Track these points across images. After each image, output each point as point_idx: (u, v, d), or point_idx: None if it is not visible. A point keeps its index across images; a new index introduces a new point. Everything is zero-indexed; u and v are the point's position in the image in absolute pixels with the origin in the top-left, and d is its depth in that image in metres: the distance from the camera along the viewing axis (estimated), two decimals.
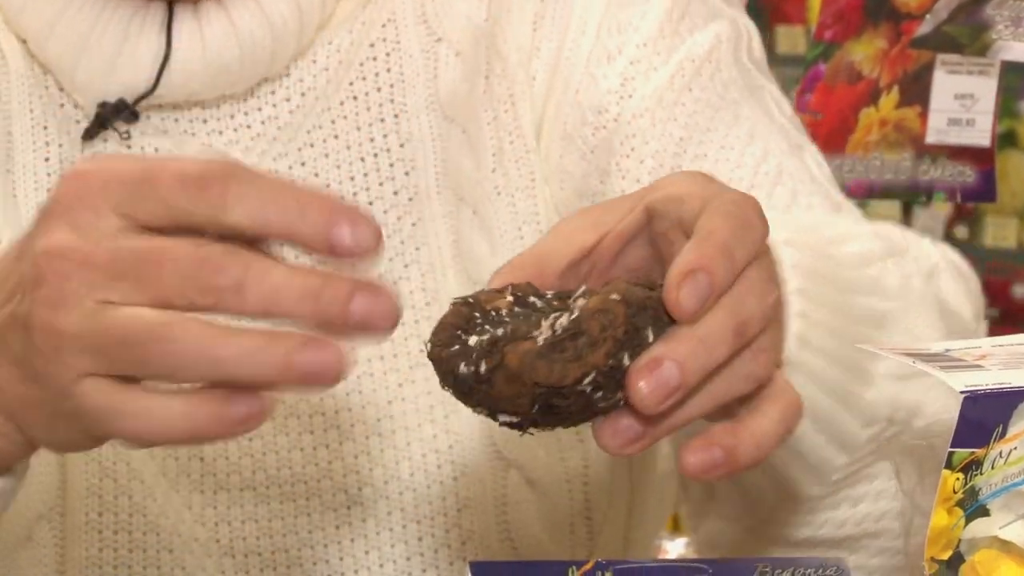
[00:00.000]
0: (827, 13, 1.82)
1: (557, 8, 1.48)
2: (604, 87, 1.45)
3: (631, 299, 1.02)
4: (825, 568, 1.22)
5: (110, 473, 1.41)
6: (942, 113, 1.72)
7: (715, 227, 1.02)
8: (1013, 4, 1.70)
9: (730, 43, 1.48)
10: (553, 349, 1.02)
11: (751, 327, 1.03)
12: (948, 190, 1.77)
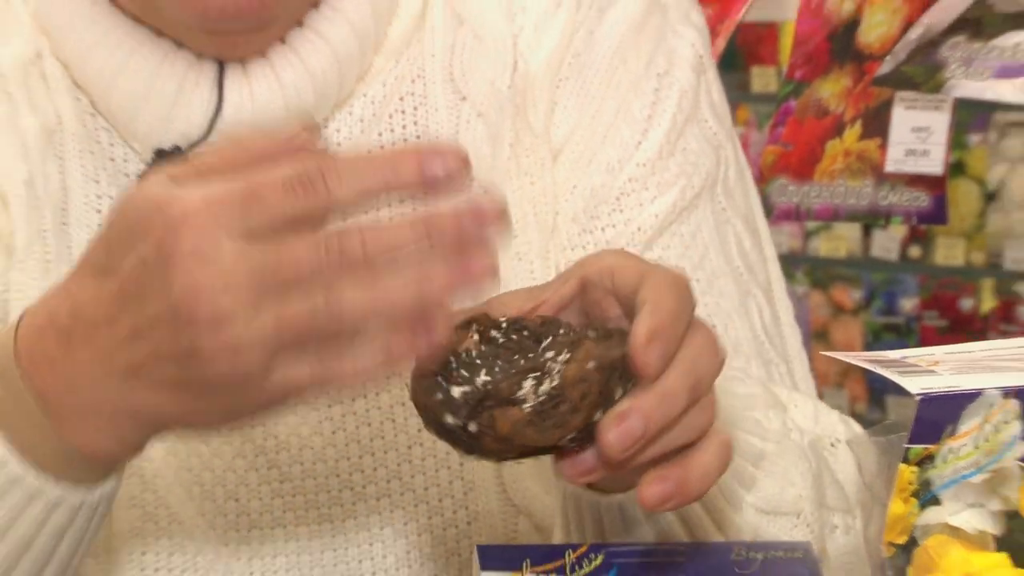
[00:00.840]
0: (797, 55, 1.85)
1: (570, 101, 1.46)
2: (601, 195, 1.44)
3: (604, 364, 1.05)
4: (794, 550, 1.26)
5: (151, 516, 1.40)
6: (900, 145, 1.75)
7: (662, 297, 1.06)
8: (964, 46, 1.74)
9: (710, 181, 1.47)
10: (540, 416, 1.05)
11: (703, 384, 1.07)
12: (905, 214, 1.80)
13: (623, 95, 1.47)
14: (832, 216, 1.81)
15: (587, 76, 1.47)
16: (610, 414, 1.05)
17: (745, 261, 1.49)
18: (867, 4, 1.83)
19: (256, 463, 1.43)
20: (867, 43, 1.82)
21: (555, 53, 1.47)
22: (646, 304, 1.05)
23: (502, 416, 1.05)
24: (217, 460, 1.42)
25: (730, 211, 1.49)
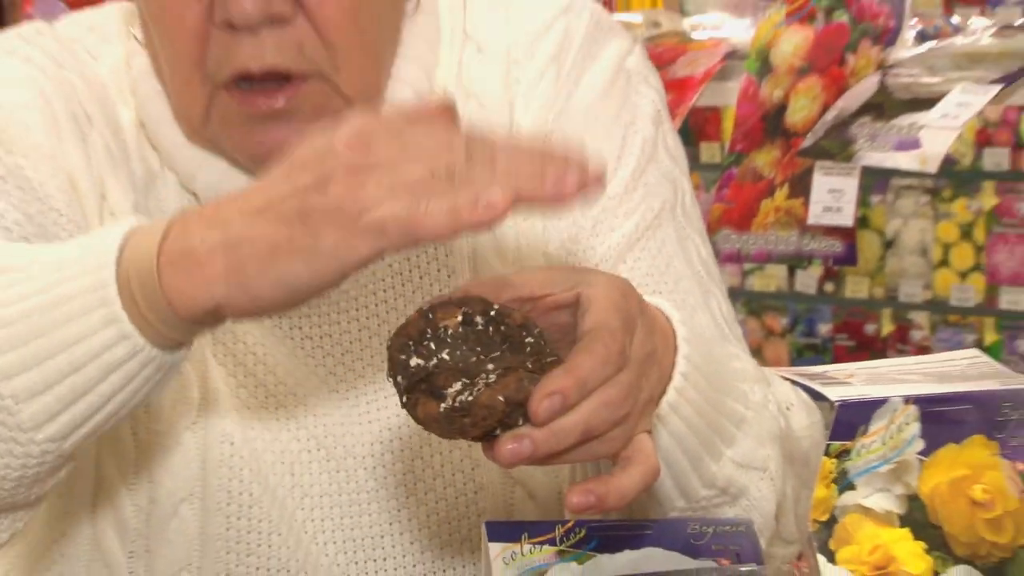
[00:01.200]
0: (737, 133, 1.84)
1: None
2: (580, 224, 1.42)
3: (512, 400, 1.03)
4: (738, 525, 1.23)
5: (237, 474, 1.39)
6: (819, 203, 1.73)
7: (580, 360, 1.03)
8: (869, 126, 1.72)
9: (669, 206, 1.44)
10: (447, 418, 1.03)
11: (598, 429, 1.04)
12: (822, 257, 1.78)
13: (596, 143, 1.43)
14: (765, 259, 1.79)
15: (567, 128, 1.44)
16: (510, 433, 1.03)
17: (704, 266, 1.47)
18: (793, 92, 1.82)
19: (308, 445, 1.41)
20: (793, 123, 1.81)
21: (540, 113, 1.44)
22: (567, 362, 1.04)
23: (423, 403, 1.04)
24: (278, 444, 1.40)
25: (688, 228, 1.46)
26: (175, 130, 1.38)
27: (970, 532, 1.24)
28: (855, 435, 1.23)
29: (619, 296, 1.10)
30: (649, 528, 1.22)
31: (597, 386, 1.04)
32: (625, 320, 1.08)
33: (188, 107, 1.35)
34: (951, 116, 1.69)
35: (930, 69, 1.76)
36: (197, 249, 1.04)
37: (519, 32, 1.47)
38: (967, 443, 1.25)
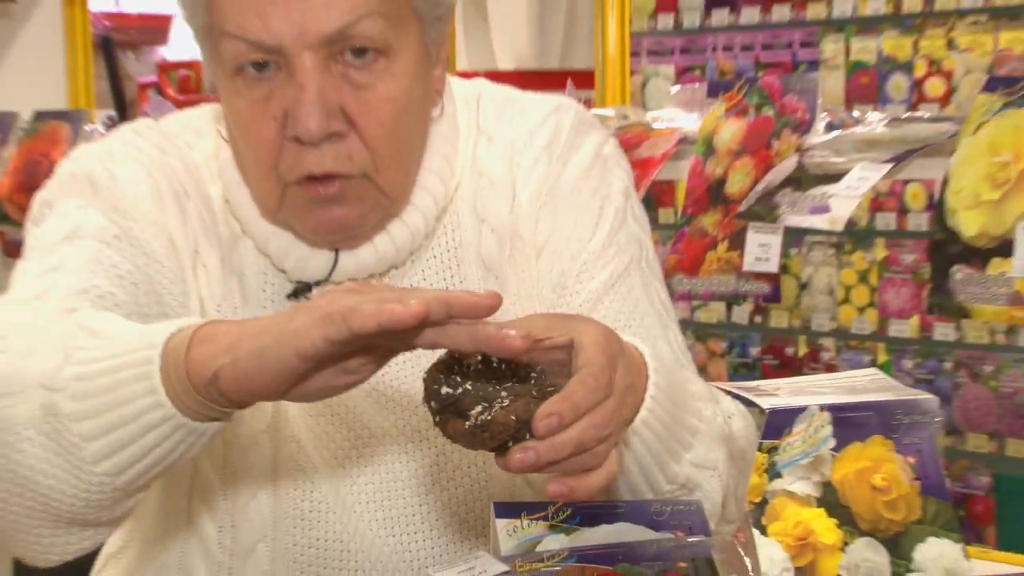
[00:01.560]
0: (687, 200, 1.83)
1: (544, 218, 1.43)
2: (568, 272, 1.41)
3: (522, 419, 1.04)
4: (690, 505, 1.22)
5: (302, 466, 1.39)
6: (751, 254, 1.72)
7: (574, 389, 1.04)
8: (790, 195, 1.71)
9: (636, 259, 1.43)
10: (471, 433, 1.05)
11: (587, 445, 1.05)
12: (753, 296, 1.77)
13: (578, 213, 1.43)
14: (709, 298, 1.78)
15: (556, 202, 1.43)
16: (519, 445, 1.04)
17: (663, 306, 1.45)
18: (730, 169, 1.81)
19: (356, 444, 1.40)
20: (731, 193, 1.80)
21: (536, 190, 1.43)
22: (565, 388, 1.05)
23: (452, 422, 1.06)
24: (333, 443, 1.39)
25: (651, 277, 1.45)
26: (253, 209, 1.38)
27: (871, 511, 1.23)
28: (781, 435, 1.23)
29: (604, 340, 1.09)
30: (621, 507, 1.22)
31: (588, 410, 1.04)
32: (610, 359, 1.08)
33: (265, 197, 1.36)
34: (853, 188, 1.68)
35: (836, 151, 1.75)
36: (218, 331, 1.08)
37: (520, 127, 1.45)
38: (869, 442, 1.24)
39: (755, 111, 1.79)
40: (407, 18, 1.31)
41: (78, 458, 1.10)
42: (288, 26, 1.25)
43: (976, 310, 1.52)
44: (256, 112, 1.30)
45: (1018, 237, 1.48)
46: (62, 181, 1.38)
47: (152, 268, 1.34)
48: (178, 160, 1.41)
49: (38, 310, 1.22)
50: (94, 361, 1.11)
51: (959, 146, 1.57)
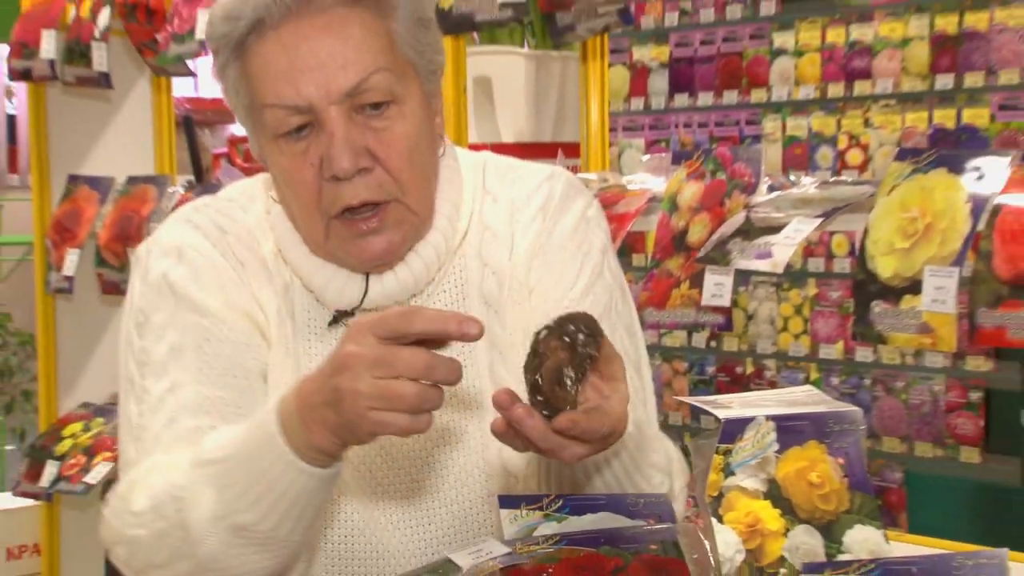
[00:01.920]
0: (656, 247, 1.82)
1: (536, 266, 1.42)
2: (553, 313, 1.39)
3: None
4: (659, 498, 1.22)
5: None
6: (708, 292, 1.71)
7: (578, 418, 1.09)
8: (740, 243, 1.70)
9: (608, 308, 1.42)
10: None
11: (587, 437, 1.10)
12: (710, 325, 1.75)
13: (564, 264, 1.42)
14: (674, 327, 1.77)
15: (547, 253, 1.42)
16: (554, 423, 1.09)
17: (626, 348, 1.42)
18: (691, 223, 1.81)
19: (380, 453, 1.40)
20: (691, 242, 1.80)
21: (532, 243, 1.43)
22: (589, 415, 1.09)
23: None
24: (362, 451, 1.39)
25: (618, 322, 1.43)
26: (301, 251, 1.38)
27: (809, 503, 1.22)
28: (735, 440, 1.22)
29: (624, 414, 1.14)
30: (603, 500, 1.22)
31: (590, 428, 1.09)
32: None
33: (313, 233, 1.35)
34: (790, 237, 1.67)
35: (777, 208, 1.75)
36: (315, 425, 1.14)
37: (519, 190, 1.46)
38: (806, 446, 1.24)
39: (710, 175, 1.78)
40: (407, 72, 1.33)
41: (275, 539, 1.19)
42: (315, 88, 1.27)
43: (891, 337, 1.51)
44: (297, 163, 1.30)
45: (925, 278, 1.47)
46: (151, 287, 1.39)
47: (237, 353, 1.37)
48: (234, 230, 1.42)
49: (175, 462, 1.27)
50: (236, 478, 1.18)
51: (876, 204, 1.56)
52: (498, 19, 2.01)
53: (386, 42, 1.30)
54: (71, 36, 2.71)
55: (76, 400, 2.96)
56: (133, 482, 1.28)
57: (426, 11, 1.35)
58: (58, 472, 2.66)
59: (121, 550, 1.27)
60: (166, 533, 1.21)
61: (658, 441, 1.35)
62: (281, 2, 1.27)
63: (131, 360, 1.37)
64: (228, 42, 1.31)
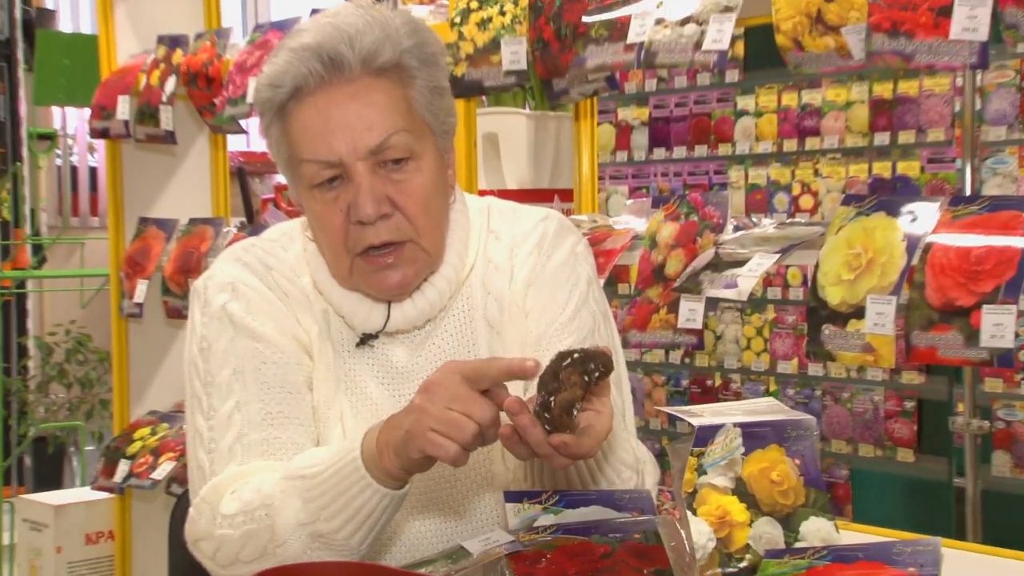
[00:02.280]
0: (639, 278, 1.81)
1: (531, 293, 1.41)
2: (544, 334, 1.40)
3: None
4: (641, 494, 1.21)
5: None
6: (683, 316, 1.70)
7: (569, 442, 1.10)
8: (709, 275, 1.69)
9: (591, 331, 1.41)
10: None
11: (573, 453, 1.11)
12: (685, 345, 1.74)
13: (555, 293, 1.41)
14: (654, 346, 1.76)
15: (541, 283, 1.42)
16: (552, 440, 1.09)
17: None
18: (668, 258, 1.80)
19: (427, 476, 1.35)
20: (669, 273, 1.79)
21: (528, 274, 1.42)
22: (578, 439, 1.10)
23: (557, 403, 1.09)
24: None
25: (599, 343, 1.41)
26: (332, 283, 1.38)
27: (770, 497, 1.21)
28: (707, 444, 1.21)
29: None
30: (594, 496, 1.21)
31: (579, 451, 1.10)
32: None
33: (340, 269, 1.35)
34: (753, 270, 1.66)
35: (741, 245, 1.74)
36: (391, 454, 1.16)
37: (519, 229, 1.45)
38: (768, 449, 1.22)
39: (685, 217, 1.77)
40: (424, 132, 1.32)
41: (348, 547, 1.19)
42: (345, 146, 1.28)
43: (839, 355, 1.50)
44: (328, 209, 1.30)
45: (867, 305, 1.46)
46: (212, 317, 1.38)
47: (291, 372, 1.36)
48: (277, 266, 1.41)
49: (251, 475, 1.28)
50: (325, 470, 1.19)
51: (825, 242, 1.55)
52: (503, 85, 2.01)
53: (405, 107, 1.30)
54: (142, 100, 2.72)
55: (145, 408, 2.95)
56: (217, 488, 1.28)
57: (441, 81, 1.35)
58: (129, 470, 2.65)
59: (207, 546, 1.27)
60: (254, 534, 1.21)
61: (628, 442, 1.33)
62: (316, 73, 1.27)
63: (196, 380, 1.37)
64: (271, 106, 1.31)
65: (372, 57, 1.28)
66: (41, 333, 4.67)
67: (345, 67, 1.27)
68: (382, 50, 1.28)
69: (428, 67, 1.32)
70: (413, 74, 1.31)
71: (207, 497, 1.28)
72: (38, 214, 4.75)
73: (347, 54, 1.27)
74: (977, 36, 1.38)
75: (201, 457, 1.33)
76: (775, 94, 4.02)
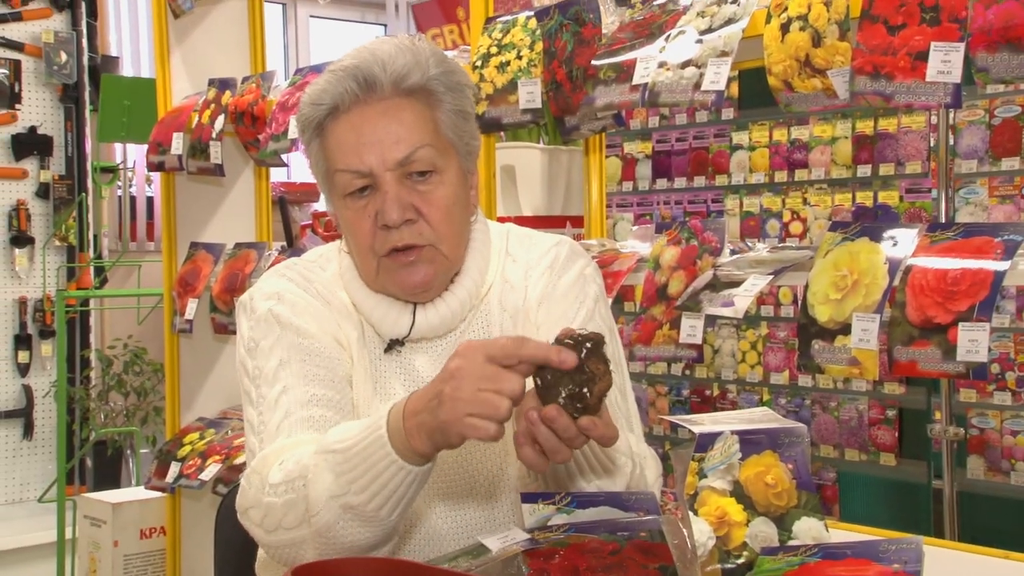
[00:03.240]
0: (643, 298, 1.79)
1: (543, 310, 1.40)
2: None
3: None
4: (647, 495, 1.19)
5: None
6: (684, 332, 1.69)
7: (598, 421, 1.09)
8: (709, 294, 1.68)
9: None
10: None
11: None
12: (686, 358, 1.73)
13: (564, 309, 1.41)
14: (657, 359, 1.75)
15: (552, 300, 1.42)
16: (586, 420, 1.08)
17: (618, 367, 1.40)
18: (671, 279, 1.79)
19: (445, 473, 1.38)
20: (671, 293, 1.78)
21: (540, 293, 1.42)
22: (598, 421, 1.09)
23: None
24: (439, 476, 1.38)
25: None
26: (364, 291, 1.38)
27: (765, 499, 1.19)
28: (707, 450, 1.19)
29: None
30: (602, 496, 1.19)
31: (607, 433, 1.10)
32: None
33: (368, 270, 1.35)
34: (748, 290, 1.65)
35: (737, 267, 1.73)
36: (415, 430, 1.13)
37: (533, 253, 1.45)
38: (763, 454, 1.21)
39: (685, 242, 1.76)
40: (448, 150, 1.33)
41: (377, 519, 1.16)
42: (374, 158, 1.29)
43: (827, 368, 1.49)
44: (359, 215, 1.31)
45: (853, 322, 1.45)
46: (259, 320, 1.38)
47: (332, 364, 1.35)
48: (317, 281, 1.42)
49: (296, 446, 1.26)
50: (352, 441, 1.16)
51: (814, 265, 1.54)
52: (520, 122, 2.02)
53: (432, 126, 1.31)
54: (195, 137, 2.73)
55: (194, 415, 2.95)
56: (266, 459, 1.27)
57: (466, 107, 1.36)
58: (179, 471, 2.64)
59: (256, 513, 1.25)
60: (294, 504, 1.20)
61: (622, 431, 1.29)
62: (351, 92, 1.29)
63: (246, 378, 1.37)
64: (311, 123, 1.33)
65: (402, 79, 1.29)
66: (102, 347, 4.69)
67: (377, 87, 1.29)
68: (411, 73, 1.30)
69: (453, 92, 1.33)
70: (440, 98, 1.32)
71: (257, 468, 1.27)
72: (100, 239, 4.77)
73: (380, 75, 1.29)
74: (951, 78, 1.38)
75: (252, 441, 1.33)
76: (767, 130, 4.01)
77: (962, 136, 3.44)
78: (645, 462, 1.33)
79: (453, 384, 1.07)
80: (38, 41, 4.53)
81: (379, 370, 1.38)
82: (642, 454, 1.34)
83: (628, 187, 4.44)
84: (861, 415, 3.73)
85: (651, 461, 1.35)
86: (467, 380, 1.06)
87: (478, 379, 1.06)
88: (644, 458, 1.33)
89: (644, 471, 1.32)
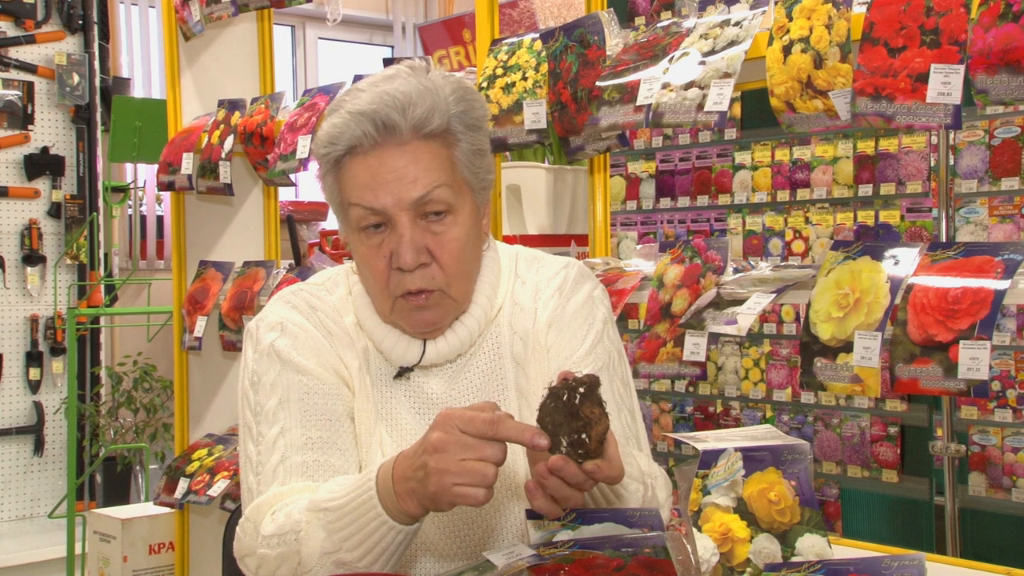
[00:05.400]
0: (648, 315, 1.79)
1: (552, 332, 1.40)
2: (563, 367, 1.38)
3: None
4: (651, 511, 1.19)
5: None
6: (688, 349, 1.68)
7: (602, 465, 1.10)
8: (712, 312, 1.68)
9: (605, 365, 1.40)
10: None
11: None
12: (689, 375, 1.73)
13: (573, 331, 1.41)
14: (661, 376, 1.75)
15: (561, 323, 1.42)
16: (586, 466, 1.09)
17: (621, 396, 1.41)
18: (675, 296, 1.78)
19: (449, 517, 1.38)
20: (675, 311, 1.77)
21: (550, 315, 1.42)
22: (600, 463, 1.09)
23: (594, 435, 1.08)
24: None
25: (614, 375, 1.42)
26: (374, 320, 1.38)
27: (768, 515, 1.19)
28: (711, 467, 1.19)
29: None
30: (607, 512, 1.19)
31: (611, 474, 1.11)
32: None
33: (383, 307, 1.35)
34: (751, 308, 1.65)
35: (740, 286, 1.73)
36: (405, 496, 1.15)
37: (542, 275, 1.45)
38: (766, 471, 1.21)
39: (689, 260, 1.77)
40: (463, 187, 1.32)
41: (370, 572, 1.18)
42: (390, 197, 1.27)
43: (829, 386, 1.48)
44: (373, 253, 1.30)
45: (855, 340, 1.45)
46: (262, 354, 1.38)
47: (332, 402, 1.35)
48: (322, 307, 1.41)
49: (289, 495, 1.27)
50: (343, 497, 1.18)
51: (816, 283, 1.54)
52: (525, 142, 2.02)
53: (448, 165, 1.30)
54: (204, 157, 2.74)
55: (202, 431, 2.95)
56: (259, 508, 1.28)
57: (483, 144, 1.35)
58: (188, 487, 2.64)
59: (251, 562, 1.27)
60: (286, 557, 1.21)
61: (633, 457, 1.31)
62: (370, 136, 1.27)
63: (247, 410, 1.37)
64: (328, 160, 1.32)
65: (422, 125, 1.27)
66: (112, 364, 4.69)
67: (397, 132, 1.27)
68: (432, 118, 1.28)
69: (472, 131, 1.32)
70: (458, 137, 1.31)
71: (251, 516, 1.28)
72: (111, 257, 4.79)
73: (400, 122, 1.26)
74: (951, 100, 1.38)
75: (250, 479, 1.34)
76: (769, 150, 4.02)
77: (962, 156, 3.44)
78: (656, 481, 1.33)
79: (437, 457, 1.08)
80: (51, 63, 4.57)
81: (384, 396, 1.38)
82: (652, 474, 1.34)
83: (632, 206, 4.44)
84: (863, 432, 3.72)
85: (661, 480, 1.35)
86: (450, 452, 1.07)
87: (461, 449, 1.07)
88: (655, 478, 1.33)
89: (655, 491, 1.32)
